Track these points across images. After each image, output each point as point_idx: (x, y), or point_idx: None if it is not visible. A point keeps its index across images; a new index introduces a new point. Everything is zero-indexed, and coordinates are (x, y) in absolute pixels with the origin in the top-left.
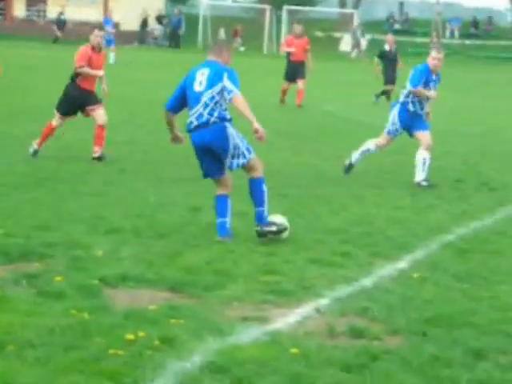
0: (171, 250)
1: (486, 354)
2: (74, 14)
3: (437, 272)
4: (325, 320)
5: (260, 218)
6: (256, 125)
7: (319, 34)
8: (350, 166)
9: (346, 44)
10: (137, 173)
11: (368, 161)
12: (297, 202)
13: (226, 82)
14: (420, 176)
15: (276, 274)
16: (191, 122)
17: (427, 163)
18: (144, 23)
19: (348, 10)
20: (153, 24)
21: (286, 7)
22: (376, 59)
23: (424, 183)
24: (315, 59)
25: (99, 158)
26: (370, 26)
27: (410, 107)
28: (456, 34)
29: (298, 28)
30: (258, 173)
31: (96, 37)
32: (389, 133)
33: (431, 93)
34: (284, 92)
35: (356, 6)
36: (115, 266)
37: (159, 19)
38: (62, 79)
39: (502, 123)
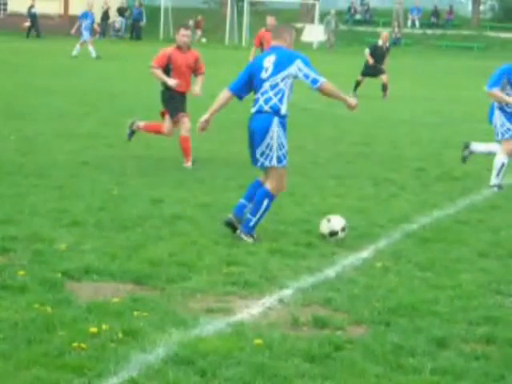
0: (134, 242)
1: (449, 343)
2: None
3: (400, 261)
4: (288, 310)
5: (245, 225)
6: (351, 100)
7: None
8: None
9: (308, 34)
10: (99, 166)
11: (330, 151)
12: None
13: (305, 70)
14: (495, 180)
15: (239, 266)
16: (251, 108)
17: (504, 168)
18: (105, 15)
19: (310, 1)
20: (114, 16)
21: None
22: (367, 51)
23: (496, 189)
24: None
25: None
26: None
27: (506, 108)
28: (417, 23)
29: (271, 20)
30: (273, 187)
31: (183, 36)
32: (505, 137)
33: (507, 98)
34: None
35: None
36: (78, 259)
37: (120, 11)
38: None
39: (464, 112)
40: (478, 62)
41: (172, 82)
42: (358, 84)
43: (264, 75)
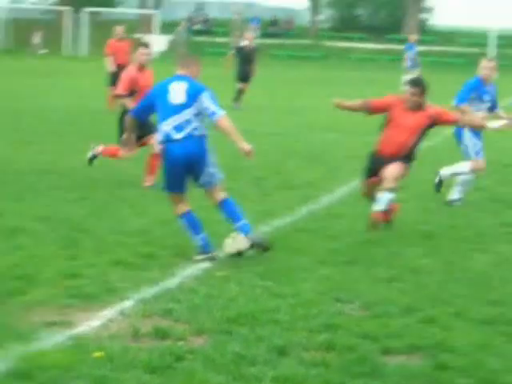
0: None
1: (290, 351)
2: None
3: (240, 270)
4: (129, 322)
5: (247, 230)
6: (243, 144)
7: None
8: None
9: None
10: None
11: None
12: (98, 204)
13: (207, 103)
14: (457, 195)
15: (80, 278)
16: (168, 134)
17: (470, 185)
18: None
19: (149, 11)
20: None
21: (86, 9)
22: (231, 53)
23: (458, 203)
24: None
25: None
26: (171, 26)
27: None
28: (257, 33)
29: (119, 30)
30: (225, 193)
31: (142, 55)
32: (478, 157)
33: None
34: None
35: (157, 6)
36: None
37: None
38: None
39: (304, 122)
40: (316, 71)
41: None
42: (240, 92)
43: (174, 100)
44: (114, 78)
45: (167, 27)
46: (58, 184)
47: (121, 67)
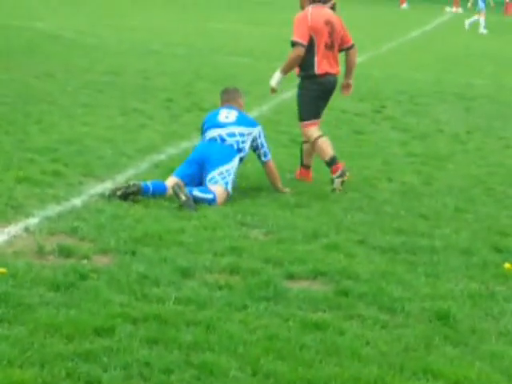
0: None
1: (194, 273)
2: None
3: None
4: (34, 239)
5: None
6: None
7: None
8: None
9: None
10: None
11: (80, 80)
12: (4, 119)
13: (262, 140)
14: None
15: None
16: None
17: None
18: None
19: None
20: None
21: None
22: None
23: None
24: None
25: None
26: None
27: None
28: None
29: None
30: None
31: None
32: None
33: None
34: None
35: None
36: None
37: None
38: None
39: (214, 44)
40: None
41: None
42: None
43: (224, 119)
44: None
45: None
46: None
47: None
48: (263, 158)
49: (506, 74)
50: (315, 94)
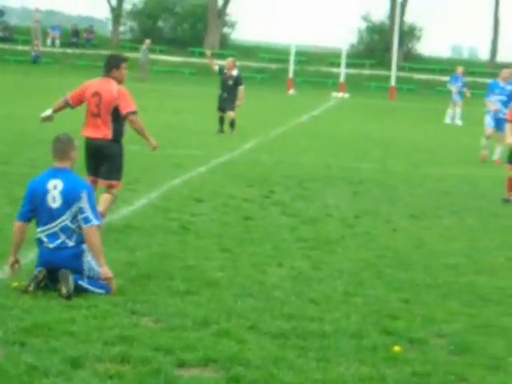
0: None
1: (84, 362)
2: None
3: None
4: None
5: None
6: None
7: None
8: None
9: None
10: None
11: None
12: None
13: (85, 205)
14: None
15: None
16: (42, 241)
17: None
18: None
19: None
20: None
21: None
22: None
23: None
24: None
25: None
26: None
27: None
28: (57, 42)
29: None
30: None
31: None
32: None
33: None
34: None
35: None
36: None
37: None
38: None
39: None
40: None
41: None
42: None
43: (52, 204)
44: None
45: None
46: None
47: None
48: (84, 225)
49: (391, 157)
50: None
